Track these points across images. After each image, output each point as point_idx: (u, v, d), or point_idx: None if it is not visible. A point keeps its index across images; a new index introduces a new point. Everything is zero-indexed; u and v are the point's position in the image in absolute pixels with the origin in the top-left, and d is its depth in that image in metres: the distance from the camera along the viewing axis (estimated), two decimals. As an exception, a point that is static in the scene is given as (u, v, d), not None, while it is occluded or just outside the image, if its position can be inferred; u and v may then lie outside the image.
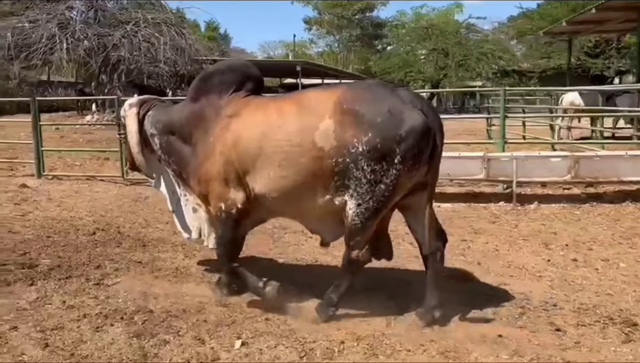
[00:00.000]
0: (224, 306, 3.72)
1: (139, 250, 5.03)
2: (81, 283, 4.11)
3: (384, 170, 3.12)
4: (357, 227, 3.26)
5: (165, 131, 3.95)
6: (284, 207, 3.58)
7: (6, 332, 3.31)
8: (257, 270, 3.86)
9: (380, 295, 3.83)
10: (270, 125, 3.40)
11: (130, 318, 3.53)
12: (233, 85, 3.72)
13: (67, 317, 3.55)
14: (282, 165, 3.33)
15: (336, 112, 3.20)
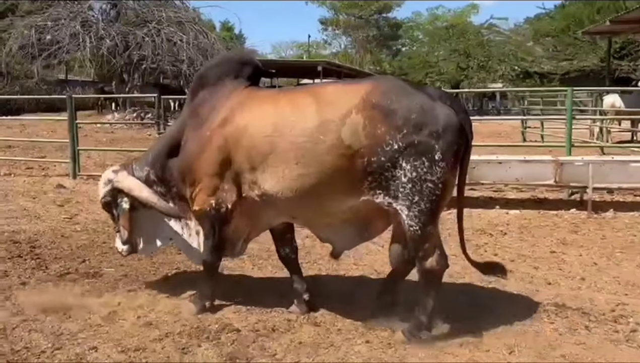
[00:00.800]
0: (316, 325, 3.37)
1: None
2: (152, 296, 3.78)
3: (426, 167, 2.93)
4: (418, 234, 3.01)
5: (157, 158, 3.64)
6: (299, 209, 3.30)
7: (86, 353, 2.98)
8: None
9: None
10: (284, 119, 3.16)
11: (216, 337, 3.19)
12: (231, 76, 3.49)
13: (146, 335, 3.21)
14: (300, 162, 3.08)
15: (365, 107, 2.99)
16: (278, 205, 3.27)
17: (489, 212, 6.41)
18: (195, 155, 3.38)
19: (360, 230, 3.37)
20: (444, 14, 48.57)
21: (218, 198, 3.33)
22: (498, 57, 30.94)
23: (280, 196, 3.19)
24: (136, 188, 3.63)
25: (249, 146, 3.21)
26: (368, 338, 3.19)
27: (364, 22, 45.04)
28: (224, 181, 3.31)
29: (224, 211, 3.34)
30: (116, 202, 3.72)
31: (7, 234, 5.13)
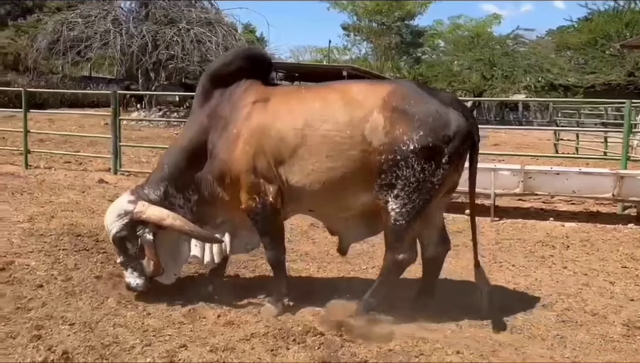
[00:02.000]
0: (398, 331, 3.28)
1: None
2: (227, 294, 3.71)
3: (432, 169, 3.10)
4: (402, 228, 3.18)
5: (174, 169, 3.51)
6: (321, 202, 3.38)
7: (176, 351, 2.93)
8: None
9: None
10: (315, 114, 3.25)
11: (302, 340, 3.13)
12: (244, 73, 3.51)
13: (231, 335, 3.16)
14: (330, 156, 3.20)
15: (386, 108, 3.16)
16: (301, 197, 3.34)
17: (543, 223, 6.29)
18: (227, 156, 3.36)
19: (369, 225, 3.48)
20: (466, 23, 48.33)
21: (260, 192, 3.34)
22: (523, 67, 30.68)
23: (307, 189, 3.28)
24: (167, 217, 3.43)
25: (278, 139, 3.26)
26: (458, 349, 3.10)
27: (387, 29, 44.90)
28: (259, 175, 3.32)
29: (269, 204, 3.35)
30: (135, 234, 3.47)
31: (68, 227, 5.11)
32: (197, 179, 3.49)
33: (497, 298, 3.68)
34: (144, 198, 3.51)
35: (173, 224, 3.44)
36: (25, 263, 4.09)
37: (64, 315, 3.28)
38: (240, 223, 3.62)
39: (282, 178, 3.30)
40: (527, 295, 3.97)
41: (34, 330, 3.05)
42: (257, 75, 3.54)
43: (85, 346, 2.90)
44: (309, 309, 3.55)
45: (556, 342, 3.22)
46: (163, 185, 3.52)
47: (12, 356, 2.79)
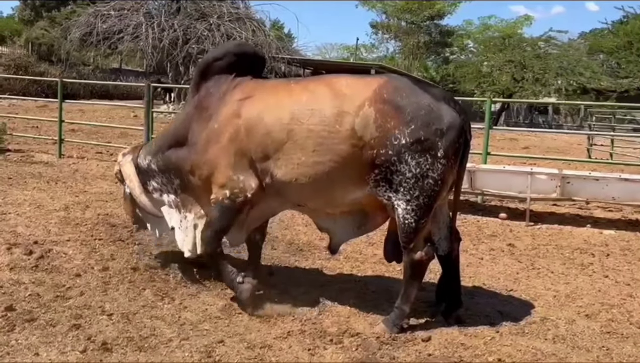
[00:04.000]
0: (435, 337, 3.20)
1: (298, 255, 4.60)
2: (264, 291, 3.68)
3: (428, 163, 3.03)
4: (412, 227, 3.11)
5: (159, 150, 3.70)
6: (308, 196, 3.31)
7: (214, 346, 2.91)
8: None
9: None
10: (302, 107, 3.18)
11: (339, 341, 3.08)
12: (234, 68, 3.49)
13: (268, 332, 3.13)
14: (317, 150, 3.12)
15: (377, 101, 3.08)
16: (288, 192, 3.29)
17: (580, 230, 6.12)
18: (205, 148, 3.36)
19: (359, 223, 3.43)
20: (497, 24, 47.59)
21: (233, 188, 3.30)
22: (555, 70, 30.03)
23: (293, 183, 3.20)
24: (129, 177, 3.83)
25: (264, 134, 3.21)
26: (499, 357, 3.01)
27: (416, 28, 44.48)
28: (238, 172, 3.28)
29: (240, 200, 3.31)
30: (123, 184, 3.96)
31: (102, 217, 5.15)
32: (178, 164, 3.56)
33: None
34: (135, 159, 3.84)
35: (131, 187, 3.83)
36: (63, 251, 4.13)
37: (102, 305, 3.29)
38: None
39: (268, 172, 3.25)
40: (568, 303, 3.85)
41: (73, 319, 3.07)
42: (248, 72, 3.52)
43: (124, 337, 2.91)
44: (345, 310, 3.50)
45: (602, 354, 3.11)
46: (148, 160, 3.77)
47: (52, 344, 2.81)
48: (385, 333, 3.17)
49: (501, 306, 3.72)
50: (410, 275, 3.24)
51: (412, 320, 3.34)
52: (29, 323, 2.98)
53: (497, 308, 3.68)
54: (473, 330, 3.31)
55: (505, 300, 3.85)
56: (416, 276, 3.25)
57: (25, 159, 8.65)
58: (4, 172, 7.41)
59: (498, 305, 3.73)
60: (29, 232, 4.54)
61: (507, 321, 3.47)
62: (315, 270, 4.26)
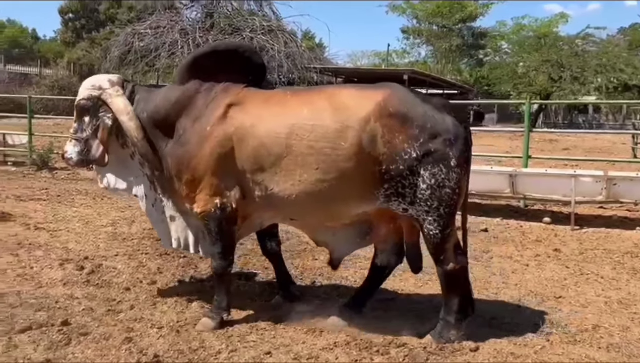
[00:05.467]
0: (483, 348, 3.15)
1: (343, 266, 4.57)
2: (308, 302, 3.71)
3: (444, 173, 2.99)
4: (438, 238, 3.06)
5: (149, 123, 3.37)
6: (306, 212, 3.20)
7: (261, 357, 2.94)
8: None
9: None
10: (302, 122, 3.04)
11: (386, 352, 3.06)
12: (231, 70, 3.29)
13: (314, 343, 3.14)
14: (320, 168, 3.01)
15: (382, 115, 2.99)
16: (282, 207, 3.18)
17: (629, 232, 5.93)
18: (194, 151, 3.18)
19: (362, 234, 3.36)
20: (530, 23, 46.70)
21: (222, 197, 3.18)
22: (594, 68, 29.20)
23: (292, 199, 3.09)
24: (127, 114, 3.33)
25: (257, 146, 3.08)
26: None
27: (448, 31, 44.11)
28: (226, 180, 3.16)
29: (229, 211, 3.19)
30: (97, 112, 3.42)
31: (147, 231, 5.29)
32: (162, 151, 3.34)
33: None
34: (127, 94, 3.42)
35: (127, 123, 3.33)
36: (112, 266, 4.26)
37: (152, 318, 3.38)
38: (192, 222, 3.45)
39: (261, 184, 3.12)
40: (621, 310, 3.72)
41: (125, 332, 3.15)
42: (246, 77, 3.33)
43: (174, 350, 2.97)
44: (390, 320, 3.48)
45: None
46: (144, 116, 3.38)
47: (107, 357, 2.89)
48: (432, 343, 3.13)
49: (550, 313, 3.63)
50: (446, 287, 3.20)
51: (459, 329, 3.29)
52: (84, 337, 3.08)
53: (546, 316, 3.59)
54: (522, 339, 3.24)
55: (554, 307, 3.76)
56: (453, 286, 3.19)
57: (72, 176, 8.98)
58: (52, 190, 7.71)
59: (547, 313, 3.64)
60: (80, 248, 4.71)
61: (557, 329, 3.39)
62: (359, 280, 4.25)
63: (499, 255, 5.01)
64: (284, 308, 3.59)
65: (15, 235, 5.08)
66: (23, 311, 3.36)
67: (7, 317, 3.27)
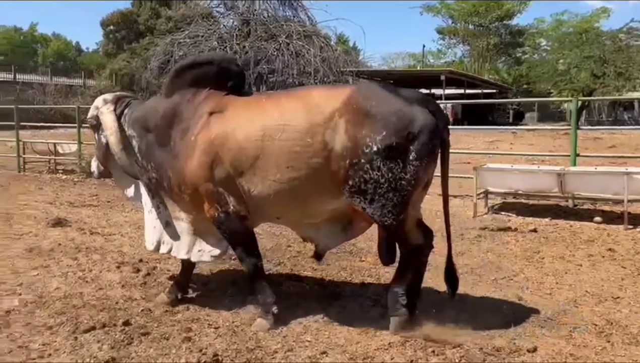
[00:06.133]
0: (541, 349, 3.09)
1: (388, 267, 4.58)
2: (359, 303, 3.73)
3: (401, 167, 3.04)
4: (393, 225, 3.15)
5: (144, 130, 3.58)
6: (286, 210, 3.34)
7: (317, 357, 2.97)
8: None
9: None
10: (272, 123, 3.17)
11: (441, 352, 3.04)
12: (212, 80, 3.45)
13: (369, 344, 3.15)
14: (292, 166, 3.13)
15: (347, 111, 3.07)
16: (265, 207, 3.28)
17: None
18: (185, 164, 3.32)
19: (344, 228, 3.44)
20: (570, 19, 45.51)
21: (221, 202, 3.30)
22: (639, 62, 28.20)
23: (269, 199, 3.21)
24: (110, 128, 3.63)
25: (237, 150, 3.20)
26: (614, 367, 2.87)
27: (485, 30, 43.46)
28: (218, 185, 3.28)
29: (232, 212, 3.31)
30: (99, 130, 3.78)
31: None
32: (158, 161, 3.50)
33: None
34: (119, 110, 3.70)
35: (111, 141, 3.63)
36: (166, 268, 4.38)
37: (208, 318, 3.46)
38: (200, 228, 3.56)
39: (244, 188, 3.24)
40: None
41: (184, 332, 3.24)
42: (226, 85, 3.45)
43: (232, 349, 3.03)
44: (443, 320, 3.45)
45: None
46: (130, 131, 3.63)
47: (168, 356, 2.98)
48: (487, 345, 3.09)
49: (609, 314, 3.54)
50: (406, 260, 3.29)
51: (514, 329, 3.27)
52: (145, 337, 3.18)
53: (604, 316, 3.51)
54: (581, 339, 3.18)
55: (612, 308, 3.66)
56: (413, 261, 3.30)
57: (120, 183, 9.24)
58: (102, 196, 7.98)
59: (605, 314, 3.55)
60: (134, 251, 4.86)
61: (617, 330, 3.30)
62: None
63: (551, 256, 4.90)
64: (335, 309, 3.62)
65: (73, 240, 5.30)
66: (86, 312, 3.50)
67: (72, 317, 3.41)
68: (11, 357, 2.95)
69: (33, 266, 4.45)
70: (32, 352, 2.99)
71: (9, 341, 3.13)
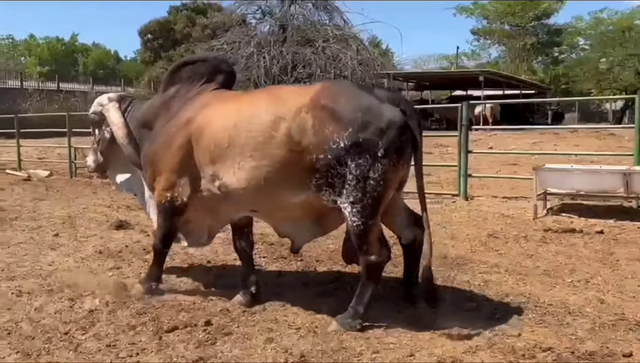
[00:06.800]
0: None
1: (456, 269, 4.51)
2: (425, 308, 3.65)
3: (369, 164, 3.05)
4: (361, 229, 3.15)
5: (139, 125, 3.96)
6: (255, 202, 3.44)
7: (405, 360, 2.92)
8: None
9: None
10: (242, 116, 3.36)
11: (532, 355, 2.96)
12: (203, 77, 3.78)
13: (454, 347, 3.07)
14: (253, 155, 3.27)
15: (314, 107, 3.14)
16: (236, 197, 3.42)
17: None
18: (159, 150, 3.66)
19: (317, 224, 3.50)
20: (610, 17, 44.25)
21: (174, 192, 3.60)
22: (688, 59, 27.26)
23: (236, 188, 3.36)
24: (116, 123, 3.96)
25: (210, 140, 3.41)
26: None
27: (522, 30, 42.64)
28: (181, 177, 3.56)
29: (178, 204, 3.61)
30: (101, 126, 4.17)
31: (259, 236, 5.41)
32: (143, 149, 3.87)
33: None
34: (123, 108, 4.04)
35: (116, 132, 3.97)
36: (235, 268, 4.40)
37: (286, 319, 3.45)
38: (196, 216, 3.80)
39: (215, 176, 3.44)
40: None
41: (265, 332, 3.24)
42: (215, 83, 3.78)
43: (317, 350, 3.01)
44: (524, 323, 3.37)
45: None
46: (133, 125, 3.98)
47: (253, 356, 2.98)
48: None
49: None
50: (366, 277, 3.27)
51: (603, 332, 3.15)
52: (227, 337, 3.19)
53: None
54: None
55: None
56: (372, 278, 3.27)
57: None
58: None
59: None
60: (199, 253, 4.90)
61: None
62: (480, 284, 4.15)
63: (626, 258, 4.73)
64: (411, 311, 3.56)
65: (139, 242, 5.39)
66: (166, 312, 3.54)
67: (154, 317, 3.45)
68: (101, 355, 3.00)
69: (107, 267, 4.53)
70: (120, 351, 3.03)
71: (96, 340, 3.19)
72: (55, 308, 3.67)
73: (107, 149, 4.21)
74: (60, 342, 3.17)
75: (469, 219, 6.49)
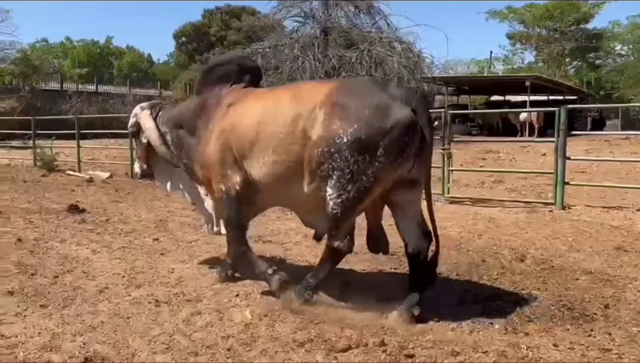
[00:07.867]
0: None
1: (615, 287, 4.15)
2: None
3: (366, 161, 3.14)
4: (337, 216, 3.28)
5: (175, 126, 4.23)
6: (277, 193, 3.62)
7: None
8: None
9: None
10: (267, 112, 3.53)
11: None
12: (232, 77, 3.98)
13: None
14: (275, 151, 3.44)
15: (327, 103, 3.28)
16: (265, 190, 3.63)
17: None
18: (204, 148, 3.84)
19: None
20: (649, 21, 43.16)
21: (226, 183, 3.72)
22: None
23: (262, 180, 3.58)
24: (149, 129, 4.31)
25: (242, 135, 3.60)
26: None
27: (560, 35, 41.76)
28: (227, 168, 3.69)
29: (234, 194, 3.70)
30: (139, 135, 4.49)
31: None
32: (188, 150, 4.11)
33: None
34: (153, 115, 4.35)
35: (151, 138, 4.33)
36: (370, 280, 4.14)
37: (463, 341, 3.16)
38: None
39: (247, 170, 3.64)
40: None
41: (451, 356, 2.95)
42: (245, 80, 3.98)
43: None
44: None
45: None
46: (164, 128, 4.31)
47: None
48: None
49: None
50: (326, 258, 3.50)
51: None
52: (411, 359, 2.92)
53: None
54: None
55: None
56: (330, 260, 3.50)
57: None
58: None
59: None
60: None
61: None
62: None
63: None
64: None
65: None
66: (329, 328, 3.27)
67: (318, 334, 3.20)
68: (279, 375, 2.76)
69: (240, 276, 4.29)
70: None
71: (266, 357, 2.96)
72: (204, 320, 3.45)
73: (147, 154, 4.53)
74: (227, 358, 2.95)
75: (579, 231, 6.13)
